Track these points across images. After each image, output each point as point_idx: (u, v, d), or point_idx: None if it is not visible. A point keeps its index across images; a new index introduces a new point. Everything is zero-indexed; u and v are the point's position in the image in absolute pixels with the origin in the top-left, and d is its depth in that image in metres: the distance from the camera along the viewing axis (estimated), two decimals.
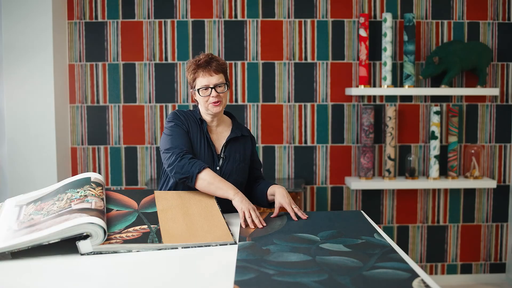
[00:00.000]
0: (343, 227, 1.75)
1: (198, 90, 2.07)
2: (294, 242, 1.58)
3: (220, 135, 2.18)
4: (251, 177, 2.27)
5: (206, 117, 2.16)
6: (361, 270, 1.31)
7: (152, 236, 1.57)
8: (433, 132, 3.46)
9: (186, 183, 2.00)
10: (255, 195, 2.21)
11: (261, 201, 2.18)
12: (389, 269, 1.32)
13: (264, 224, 1.84)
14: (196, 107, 2.25)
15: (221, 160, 2.14)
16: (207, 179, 1.95)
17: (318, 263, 1.36)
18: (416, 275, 1.27)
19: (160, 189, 2.21)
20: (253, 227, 1.83)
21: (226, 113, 2.26)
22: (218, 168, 2.11)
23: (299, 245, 1.54)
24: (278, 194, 2.02)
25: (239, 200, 1.92)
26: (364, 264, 1.35)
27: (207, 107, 2.09)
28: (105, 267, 1.39)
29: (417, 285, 1.20)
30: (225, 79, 2.10)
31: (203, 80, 2.06)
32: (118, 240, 1.52)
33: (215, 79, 2.06)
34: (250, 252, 1.47)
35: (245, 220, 1.86)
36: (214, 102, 2.06)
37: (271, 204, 2.14)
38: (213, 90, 2.05)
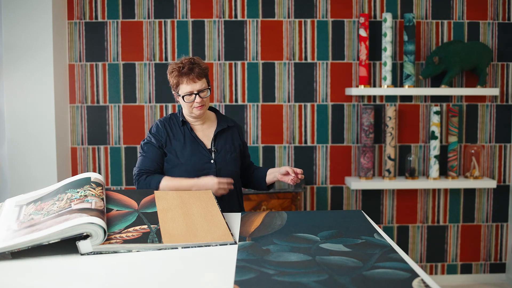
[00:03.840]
0: (343, 227, 1.75)
1: (183, 96, 2.16)
2: (294, 242, 1.58)
3: (207, 130, 2.28)
4: (244, 165, 2.40)
5: (190, 118, 2.26)
6: (361, 270, 1.31)
7: (152, 236, 1.57)
8: (433, 132, 3.46)
9: None
10: (254, 181, 2.38)
11: (260, 186, 2.36)
12: (389, 269, 1.32)
13: (231, 181, 2.10)
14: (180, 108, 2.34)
15: (213, 153, 2.23)
16: (167, 190, 2.10)
17: (318, 263, 1.36)
18: (416, 275, 1.27)
19: None
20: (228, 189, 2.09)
21: (209, 108, 2.37)
22: (212, 161, 2.20)
23: (299, 245, 1.54)
24: (279, 168, 2.25)
25: (203, 188, 2.07)
26: (364, 264, 1.35)
27: (191, 111, 2.19)
28: (105, 267, 1.39)
29: (417, 285, 1.20)
30: (207, 83, 2.21)
31: (187, 87, 2.15)
32: (118, 240, 1.52)
33: (198, 85, 2.15)
34: (250, 252, 1.47)
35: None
36: (197, 107, 2.17)
37: (269, 186, 2.36)
38: (197, 96, 2.15)
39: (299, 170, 2.16)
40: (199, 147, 2.20)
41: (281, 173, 2.19)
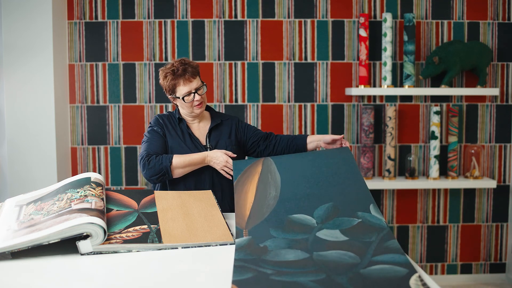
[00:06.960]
0: (339, 195, 1.72)
1: (183, 98, 2.21)
2: (290, 231, 1.57)
3: (203, 128, 2.34)
4: (260, 137, 2.39)
5: (188, 118, 2.32)
6: (359, 267, 1.31)
7: (152, 236, 1.57)
8: (433, 132, 3.46)
9: (165, 179, 2.18)
10: (292, 151, 2.34)
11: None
12: (386, 264, 1.32)
13: (235, 156, 2.16)
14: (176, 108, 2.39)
15: (208, 149, 2.28)
16: (180, 166, 2.14)
17: (316, 261, 1.37)
18: (413, 271, 1.27)
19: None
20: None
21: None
22: None
23: (296, 236, 1.54)
24: (322, 136, 2.26)
25: (211, 163, 2.16)
26: (361, 259, 1.36)
27: (191, 111, 2.26)
28: (105, 267, 1.39)
29: (414, 283, 1.21)
30: (201, 81, 2.26)
31: (184, 88, 2.21)
32: (118, 240, 1.52)
33: (195, 83, 2.22)
34: (248, 252, 1.47)
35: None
36: (198, 105, 2.23)
37: None
38: (195, 94, 2.21)
39: (341, 136, 2.20)
40: (195, 144, 2.27)
41: (326, 142, 2.21)
